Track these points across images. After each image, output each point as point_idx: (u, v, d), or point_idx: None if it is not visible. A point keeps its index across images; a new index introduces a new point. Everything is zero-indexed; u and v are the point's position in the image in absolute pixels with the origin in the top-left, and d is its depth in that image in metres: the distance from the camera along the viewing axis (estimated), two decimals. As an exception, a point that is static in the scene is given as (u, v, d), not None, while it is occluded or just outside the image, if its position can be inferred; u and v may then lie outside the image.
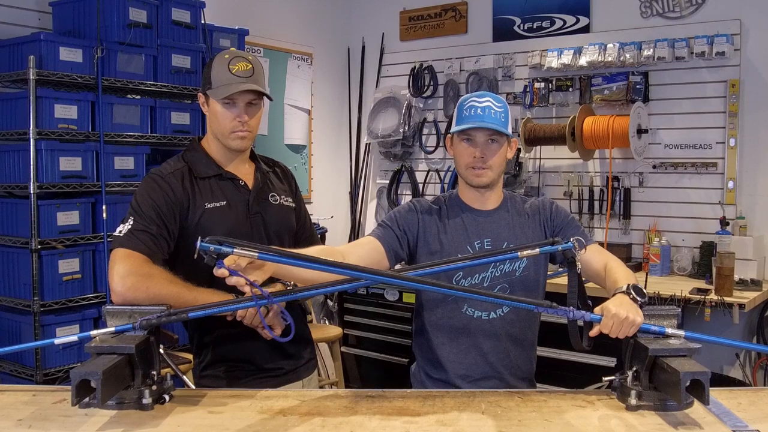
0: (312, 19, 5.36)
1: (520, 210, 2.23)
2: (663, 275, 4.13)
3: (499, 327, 2.14)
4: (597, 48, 4.41)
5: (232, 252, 1.58)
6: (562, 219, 2.21)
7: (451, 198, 2.24)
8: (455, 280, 2.12)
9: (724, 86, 4.12)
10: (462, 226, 2.17)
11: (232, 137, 2.11)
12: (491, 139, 2.11)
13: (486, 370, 2.14)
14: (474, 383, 2.13)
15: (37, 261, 3.20)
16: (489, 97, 2.13)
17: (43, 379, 3.18)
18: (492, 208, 2.20)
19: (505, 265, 2.12)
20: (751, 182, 4.10)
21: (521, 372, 2.19)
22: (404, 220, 2.17)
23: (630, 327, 1.73)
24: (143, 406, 1.62)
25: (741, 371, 4.00)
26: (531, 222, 2.20)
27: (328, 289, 1.93)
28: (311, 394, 1.83)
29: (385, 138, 5.27)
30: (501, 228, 2.17)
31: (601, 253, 2.14)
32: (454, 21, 5.19)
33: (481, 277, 2.12)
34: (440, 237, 2.16)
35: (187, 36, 3.85)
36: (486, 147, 2.11)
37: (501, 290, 2.12)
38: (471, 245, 2.14)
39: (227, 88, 2.06)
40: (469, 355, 2.14)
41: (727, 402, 1.69)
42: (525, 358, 2.20)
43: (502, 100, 2.16)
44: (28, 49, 3.26)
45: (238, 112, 2.09)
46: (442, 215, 2.19)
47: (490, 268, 2.12)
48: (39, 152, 3.20)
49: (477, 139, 2.11)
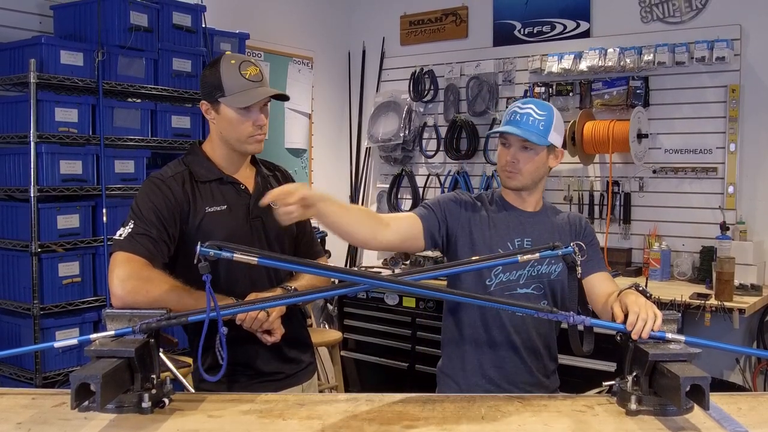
0: (313, 23, 5.37)
1: (557, 219, 2.27)
2: (663, 280, 4.13)
3: (530, 323, 2.17)
4: (597, 53, 4.41)
5: (232, 257, 1.58)
6: (590, 238, 2.26)
7: (494, 195, 2.28)
8: (494, 273, 2.15)
9: (724, 91, 4.13)
10: (505, 222, 2.20)
11: (249, 141, 2.11)
12: (525, 145, 2.15)
13: (519, 365, 2.17)
14: (507, 378, 2.16)
15: (37, 264, 3.20)
16: (532, 104, 2.16)
17: (43, 382, 3.18)
18: (532, 210, 2.25)
19: (542, 266, 2.16)
20: (751, 187, 4.10)
21: (546, 370, 2.23)
22: (447, 208, 2.19)
23: (654, 319, 1.72)
24: (143, 409, 1.61)
25: (741, 376, 4.00)
26: (567, 232, 2.24)
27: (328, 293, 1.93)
28: (311, 398, 1.82)
29: (385, 142, 5.28)
30: (543, 230, 2.21)
31: (610, 282, 2.18)
32: (454, 25, 5.19)
33: (518, 274, 2.16)
34: (484, 229, 2.18)
35: (187, 40, 3.85)
36: (519, 152, 2.16)
37: (535, 289, 2.17)
38: (511, 242, 2.17)
39: (248, 94, 2.06)
40: (501, 350, 2.17)
41: (727, 407, 1.69)
42: (550, 353, 2.24)
43: (549, 108, 2.18)
44: (29, 52, 3.26)
45: (256, 117, 2.09)
46: (487, 209, 2.22)
47: (527, 267, 2.16)
48: (39, 155, 3.21)
49: (511, 143, 2.17)
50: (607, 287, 2.14)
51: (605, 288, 2.13)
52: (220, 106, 2.09)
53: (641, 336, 1.71)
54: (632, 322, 1.72)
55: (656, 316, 1.73)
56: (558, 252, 1.88)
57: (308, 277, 2.16)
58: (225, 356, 1.70)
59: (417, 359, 4.57)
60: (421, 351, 4.55)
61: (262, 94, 2.08)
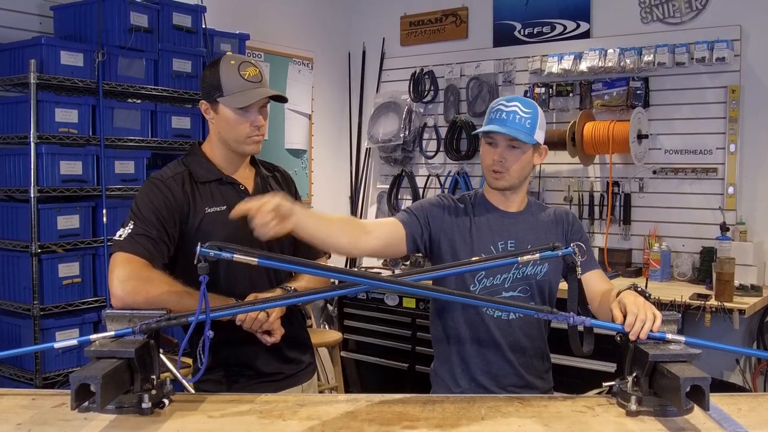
0: (313, 23, 5.37)
1: (543, 216, 2.24)
2: (663, 280, 4.13)
3: (516, 326, 2.14)
4: (597, 53, 4.41)
5: (232, 258, 1.58)
6: (579, 234, 2.23)
7: (477, 197, 2.25)
8: (477, 279, 2.12)
9: (724, 92, 4.13)
10: (488, 225, 2.17)
11: (248, 142, 2.12)
12: (512, 144, 2.12)
13: (506, 368, 2.15)
14: (495, 380, 2.14)
15: (37, 265, 3.20)
16: (517, 102, 2.12)
17: (43, 383, 3.18)
18: (516, 210, 2.21)
19: (528, 268, 2.13)
20: (751, 188, 4.10)
21: (536, 371, 2.20)
22: (430, 212, 2.17)
23: (653, 319, 1.72)
24: (142, 410, 1.61)
25: (741, 377, 4.00)
26: (554, 229, 2.21)
27: (328, 294, 1.93)
28: (311, 399, 1.82)
29: (385, 143, 5.28)
30: (525, 231, 2.18)
31: (604, 281, 2.16)
32: (454, 26, 5.20)
33: (503, 278, 2.13)
34: (465, 234, 2.15)
35: (187, 40, 3.85)
36: (506, 151, 2.12)
37: (521, 292, 2.13)
38: (495, 245, 2.14)
39: (246, 94, 2.06)
40: (489, 352, 2.15)
41: (728, 408, 1.69)
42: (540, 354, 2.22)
43: (533, 106, 2.15)
44: (30, 52, 3.27)
45: (254, 118, 2.10)
46: (468, 213, 2.19)
47: (512, 270, 2.12)
48: (39, 156, 3.21)
49: (498, 142, 2.13)
50: (602, 285, 2.12)
51: (600, 286, 2.12)
52: (218, 106, 2.09)
53: (639, 337, 1.70)
54: (630, 324, 1.72)
55: (655, 317, 1.72)
56: (558, 253, 1.88)
57: (308, 278, 2.16)
58: (205, 360, 1.69)
59: (417, 360, 4.57)
60: (420, 351, 4.54)
61: (260, 94, 2.08)
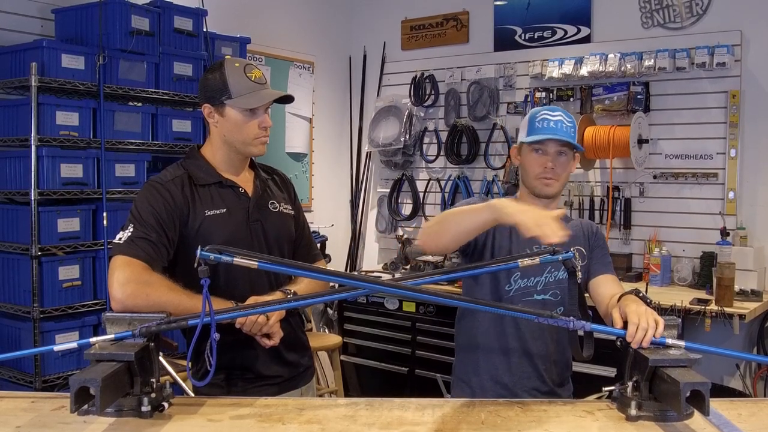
0: (314, 27, 5.38)
1: (570, 225, 2.26)
2: (663, 285, 4.13)
3: (547, 332, 2.18)
4: (598, 58, 4.42)
5: (232, 261, 1.59)
6: (601, 242, 2.29)
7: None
8: (513, 279, 2.18)
9: (724, 97, 4.13)
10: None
11: (255, 143, 2.13)
12: (560, 151, 2.17)
13: (530, 371, 2.19)
14: (519, 384, 2.17)
15: (37, 267, 3.20)
16: (560, 112, 2.19)
17: (42, 385, 3.18)
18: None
19: (560, 272, 2.17)
20: (751, 193, 4.10)
21: (559, 378, 2.24)
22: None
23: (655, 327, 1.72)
24: (142, 413, 1.61)
25: (741, 382, 3.99)
26: (582, 236, 2.26)
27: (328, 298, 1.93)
28: (311, 402, 1.82)
29: (386, 147, 5.28)
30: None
31: (615, 285, 2.18)
32: (455, 30, 5.20)
33: (536, 280, 2.18)
34: (506, 236, 2.19)
35: (189, 44, 3.86)
36: (556, 158, 2.17)
37: (552, 296, 2.19)
38: (530, 249, 2.17)
39: (255, 95, 2.07)
40: (514, 358, 2.18)
41: (728, 413, 1.69)
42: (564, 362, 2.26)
43: (571, 116, 2.23)
44: (30, 55, 3.27)
45: (262, 119, 2.11)
46: None
47: (545, 273, 2.18)
48: (40, 159, 3.21)
49: (549, 150, 2.17)
50: (612, 289, 2.14)
51: (610, 290, 2.14)
52: (225, 108, 2.09)
53: (642, 345, 1.71)
54: (632, 334, 1.71)
55: (657, 324, 1.72)
56: (558, 257, 1.88)
57: (308, 281, 2.16)
58: (214, 363, 1.69)
59: (417, 364, 4.56)
60: (420, 355, 4.54)
61: (270, 95, 2.10)
